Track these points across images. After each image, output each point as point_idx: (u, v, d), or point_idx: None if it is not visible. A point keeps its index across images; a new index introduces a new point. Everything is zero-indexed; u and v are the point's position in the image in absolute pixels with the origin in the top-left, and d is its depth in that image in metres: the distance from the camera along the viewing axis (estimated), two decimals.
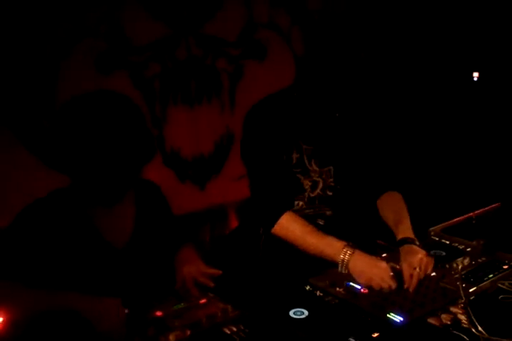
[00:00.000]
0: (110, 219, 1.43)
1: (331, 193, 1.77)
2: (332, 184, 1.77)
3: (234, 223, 2.87)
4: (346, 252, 1.49)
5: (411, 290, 1.41)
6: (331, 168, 1.77)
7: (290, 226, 1.60)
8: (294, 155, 1.69)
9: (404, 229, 1.63)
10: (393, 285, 1.41)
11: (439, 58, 3.47)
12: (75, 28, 2.25)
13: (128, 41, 2.43)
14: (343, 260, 1.49)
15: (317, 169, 1.73)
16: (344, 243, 1.53)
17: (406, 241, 1.57)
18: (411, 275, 1.43)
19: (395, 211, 1.75)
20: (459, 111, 3.55)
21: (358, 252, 1.50)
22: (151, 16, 2.49)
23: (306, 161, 1.71)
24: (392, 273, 1.45)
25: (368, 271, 1.45)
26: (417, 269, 1.43)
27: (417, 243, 1.57)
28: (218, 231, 2.87)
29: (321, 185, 1.74)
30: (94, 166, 1.31)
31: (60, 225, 1.37)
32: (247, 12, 2.85)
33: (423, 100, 3.57)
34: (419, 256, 1.47)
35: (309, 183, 1.73)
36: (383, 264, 1.47)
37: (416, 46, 3.45)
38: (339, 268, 1.50)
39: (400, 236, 1.61)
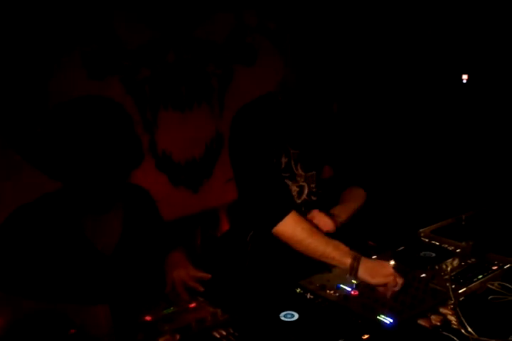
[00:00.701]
0: (98, 224, 1.42)
1: (315, 198, 1.78)
2: (314, 189, 1.77)
3: (225, 226, 2.87)
4: (356, 256, 1.46)
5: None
6: (314, 172, 1.77)
7: (298, 226, 1.54)
8: (283, 160, 1.69)
9: (339, 207, 1.72)
10: (403, 280, 1.41)
11: (428, 61, 3.50)
12: (67, 33, 2.25)
13: (119, 45, 2.43)
14: (352, 263, 1.45)
15: (302, 173, 1.73)
16: (348, 247, 1.51)
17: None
18: None
19: (347, 198, 1.81)
20: (448, 114, 3.58)
21: (364, 258, 1.48)
22: (141, 21, 2.50)
23: (293, 166, 1.71)
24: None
25: (380, 269, 1.44)
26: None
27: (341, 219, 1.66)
28: (209, 234, 2.87)
29: (306, 191, 1.75)
30: (83, 171, 1.30)
31: (47, 231, 1.36)
32: (238, 16, 2.86)
33: (412, 103, 3.59)
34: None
35: (296, 189, 1.73)
36: (388, 263, 1.49)
37: (405, 48, 3.47)
38: (349, 273, 1.46)
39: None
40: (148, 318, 1.25)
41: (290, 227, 1.54)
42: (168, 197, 2.59)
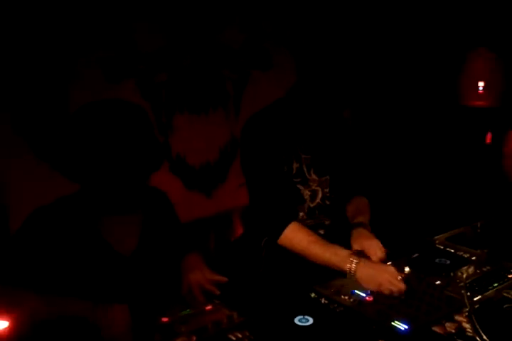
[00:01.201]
0: (117, 227, 1.44)
1: (328, 202, 1.79)
2: (328, 194, 1.78)
3: (239, 230, 2.88)
4: (352, 261, 1.50)
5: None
6: (328, 177, 1.78)
7: (296, 237, 1.61)
8: (294, 165, 1.71)
9: (360, 217, 1.73)
10: (402, 287, 1.43)
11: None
12: (86, 37, 2.29)
13: (136, 50, 2.46)
14: (350, 268, 1.50)
15: (316, 178, 1.75)
16: (349, 251, 1.55)
17: (359, 224, 1.67)
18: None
19: (358, 208, 1.83)
20: (463, 118, 3.55)
21: (363, 259, 1.52)
22: (157, 26, 2.53)
23: (305, 171, 1.73)
24: (400, 277, 1.47)
25: (376, 276, 1.46)
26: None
27: (369, 228, 1.67)
28: (223, 239, 2.88)
29: (320, 195, 1.76)
30: (104, 173, 1.32)
31: (65, 233, 1.38)
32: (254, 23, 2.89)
33: (426, 108, 3.58)
34: (370, 239, 1.60)
35: (309, 193, 1.74)
36: (390, 268, 1.50)
37: (415, 53, 3.46)
38: (347, 276, 1.51)
39: (354, 221, 1.71)
40: (165, 319, 1.27)
41: (289, 239, 1.61)
42: (182, 201, 2.61)
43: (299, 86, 1.66)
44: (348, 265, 1.50)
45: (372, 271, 1.49)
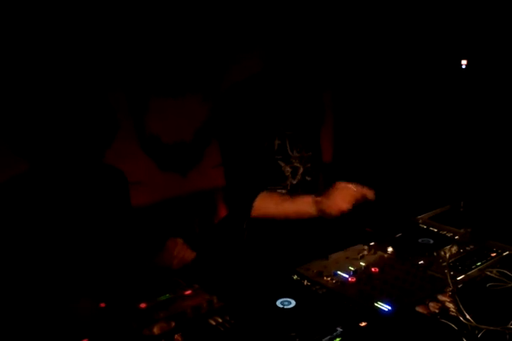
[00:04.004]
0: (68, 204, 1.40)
1: (310, 179, 1.77)
2: (310, 169, 1.76)
3: (223, 212, 2.85)
4: (319, 200, 1.57)
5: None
6: (310, 153, 1.75)
7: (265, 204, 1.64)
8: (276, 142, 1.67)
9: None
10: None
11: (426, 46, 3.45)
12: None
13: None
14: (316, 202, 1.58)
15: (297, 155, 1.71)
16: (310, 196, 1.60)
17: None
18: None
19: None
20: (446, 100, 3.54)
21: (320, 197, 1.58)
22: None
23: (288, 147, 1.69)
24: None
25: (342, 197, 1.54)
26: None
27: None
28: (207, 221, 2.86)
29: (301, 171, 1.73)
30: (53, 149, 1.27)
31: (17, 214, 1.33)
32: None
33: (409, 89, 3.55)
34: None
35: (290, 170, 1.71)
36: (344, 186, 1.57)
37: (401, 33, 3.42)
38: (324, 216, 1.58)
39: None
40: (142, 305, 1.23)
41: (261, 209, 1.64)
42: (156, 181, 2.58)
43: (276, 59, 1.61)
44: (317, 205, 1.57)
45: (335, 195, 1.55)
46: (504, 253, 1.54)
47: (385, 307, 1.25)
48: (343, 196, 1.55)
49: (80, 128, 1.29)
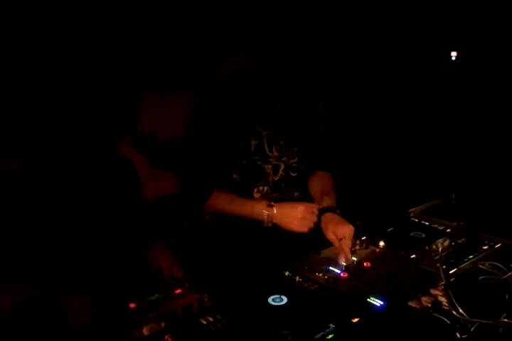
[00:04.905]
0: (75, 197, 1.36)
1: (294, 174, 1.75)
2: (295, 165, 1.75)
3: None
4: (269, 208, 1.56)
5: (347, 260, 1.45)
6: (295, 149, 1.74)
7: (215, 202, 1.66)
8: (253, 142, 1.66)
9: (328, 200, 1.67)
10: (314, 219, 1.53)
11: (415, 38, 3.43)
12: None
13: None
14: (268, 215, 1.55)
15: (277, 154, 1.70)
16: (266, 202, 1.59)
17: (328, 209, 1.61)
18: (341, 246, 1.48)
19: (322, 188, 1.77)
20: (435, 92, 3.54)
21: (278, 205, 1.56)
22: None
23: (266, 147, 1.68)
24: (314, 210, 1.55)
25: (291, 211, 1.54)
26: (344, 239, 1.48)
27: (338, 211, 1.61)
28: (198, 217, 2.83)
29: (282, 167, 1.72)
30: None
31: (19, 209, 1.30)
32: None
33: (397, 80, 3.54)
34: (342, 225, 1.51)
35: (270, 166, 1.70)
36: (301, 206, 1.56)
37: (389, 24, 3.41)
38: (265, 224, 1.57)
39: (322, 205, 1.63)
40: (132, 306, 1.21)
41: (211, 206, 1.69)
42: (148, 178, 2.56)
43: (257, 56, 1.60)
44: (265, 211, 1.55)
45: (286, 212, 1.54)
46: (496, 246, 1.53)
47: (378, 302, 1.24)
48: (301, 221, 1.55)
49: (94, 119, 1.27)
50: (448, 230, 1.66)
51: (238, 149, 1.65)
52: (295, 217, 1.54)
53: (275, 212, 1.55)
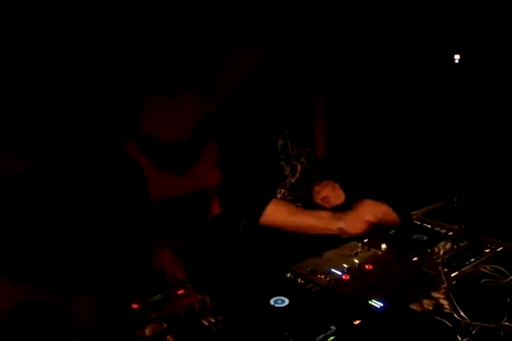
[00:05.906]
0: (84, 199, 1.37)
1: (307, 175, 1.76)
2: (306, 165, 1.75)
3: (216, 208, 2.83)
4: (339, 217, 1.53)
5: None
6: (309, 149, 1.75)
7: (277, 212, 1.57)
8: (279, 142, 1.65)
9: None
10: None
11: (419, 41, 3.44)
12: None
13: None
14: (339, 226, 1.52)
15: (296, 153, 1.70)
16: (329, 212, 1.57)
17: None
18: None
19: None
20: (439, 95, 3.54)
21: (340, 213, 1.54)
22: None
23: (289, 147, 1.68)
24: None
25: (360, 216, 1.52)
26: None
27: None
28: (201, 217, 2.84)
29: (299, 169, 1.72)
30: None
31: (26, 211, 1.30)
32: None
33: (402, 84, 3.55)
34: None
35: (289, 168, 1.70)
36: (368, 202, 1.56)
37: (393, 28, 3.41)
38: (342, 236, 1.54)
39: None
40: (134, 306, 1.22)
41: (271, 216, 1.57)
42: (153, 178, 2.57)
43: (274, 55, 1.60)
44: (336, 225, 1.52)
45: (353, 217, 1.51)
46: (498, 249, 1.53)
47: (379, 304, 1.24)
48: (367, 216, 1.52)
49: (98, 120, 1.28)
50: (450, 233, 1.66)
51: (268, 150, 1.62)
52: (367, 214, 1.53)
53: (345, 220, 1.52)
